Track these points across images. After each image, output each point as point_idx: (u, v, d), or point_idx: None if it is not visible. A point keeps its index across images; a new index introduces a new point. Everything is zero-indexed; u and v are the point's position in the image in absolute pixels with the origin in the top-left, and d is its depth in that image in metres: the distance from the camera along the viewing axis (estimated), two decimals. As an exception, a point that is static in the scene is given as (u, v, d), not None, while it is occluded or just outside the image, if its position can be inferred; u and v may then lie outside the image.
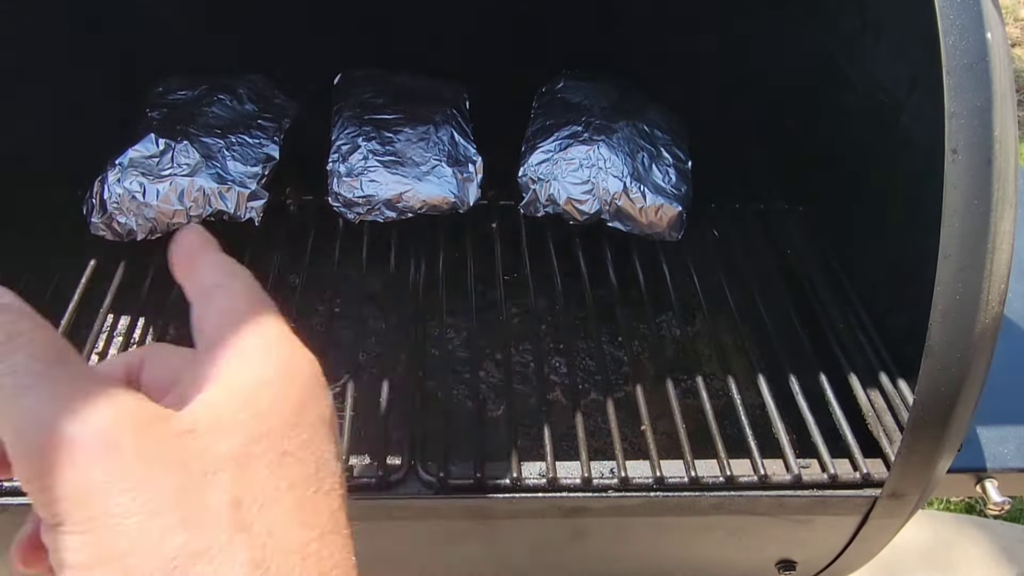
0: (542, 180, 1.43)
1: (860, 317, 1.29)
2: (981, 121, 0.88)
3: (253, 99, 1.58)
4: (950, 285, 0.91)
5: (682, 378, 1.35)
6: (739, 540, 1.16)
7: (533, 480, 1.05)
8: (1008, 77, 0.92)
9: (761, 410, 1.21)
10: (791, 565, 1.23)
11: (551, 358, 1.38)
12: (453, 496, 1.04)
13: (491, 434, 1.25)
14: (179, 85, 1.56)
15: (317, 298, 1.45)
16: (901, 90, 1.22)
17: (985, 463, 1.24)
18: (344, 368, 1.23)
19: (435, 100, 1.61)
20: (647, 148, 1.47)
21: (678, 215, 1.41)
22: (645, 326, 1.40)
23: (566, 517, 1.07)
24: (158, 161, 1.36)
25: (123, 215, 1.33)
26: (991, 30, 0.91)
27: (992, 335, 0.94)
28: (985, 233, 0.89)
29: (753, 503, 1.07)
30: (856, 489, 1.09)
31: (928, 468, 1.03)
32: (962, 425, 1.00)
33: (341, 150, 1.46)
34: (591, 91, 1.60)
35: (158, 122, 1.44)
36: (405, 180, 1.42)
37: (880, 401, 1.16)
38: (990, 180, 0.88)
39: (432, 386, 1.22)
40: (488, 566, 1.18)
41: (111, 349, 1.31)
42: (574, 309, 1.46)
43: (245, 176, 1.40)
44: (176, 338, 1.35)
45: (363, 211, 1.43)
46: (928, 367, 0.94)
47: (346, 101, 1.59)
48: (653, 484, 1.06)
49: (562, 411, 1.29)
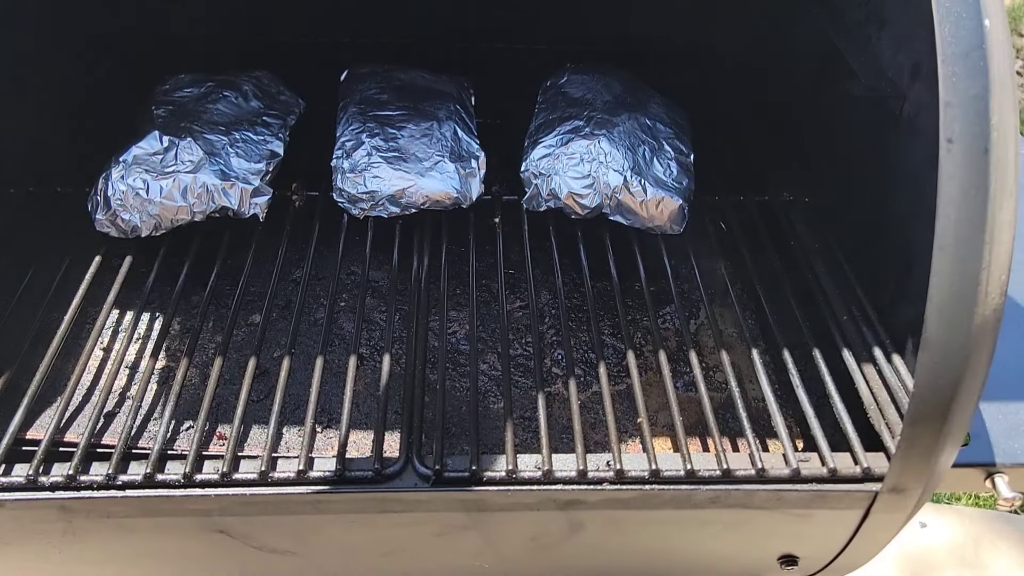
0: (544, 175, 1.43)
1: (864, 309, 1.27)
2: (977, 110, 0.86)
3: (259, 96, 1.59)
4: (946, 276, 0.89)
5: (683, 371, 1.34)
6: (738, 534, 1.15)
7: (529, 473, 1.05)
8: (1008, 65, 0.91)
9: (762, 403, 1.20)
10: (793, 560, 1.22)
11: (552, 350, 1.38)
12: (448, 489, 1.04)
13: (490, 427, 1.25)
14: (185, 82, 1.58)
15: (322, 292, 1.46)
16: (903, 80, 1.20)
17: (994, 458, 1.22)
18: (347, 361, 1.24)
19: (439, 95, 1.61)
20: (648, 141, 1.46)
21: (679, 208, 1.40)
22: (646, 319, 1.39)
23: (562, 510, 1.07)
24: (162, 158, 1.38)
25: (127, 212, 1.35)
26: (989, 17, 0.89)
27: (993, 327, 0.92)
28: (982, 223, 0.88)
29: (750, 497, 1.07)
30: (856, 483, 1.08)
31: (929, 462, 1.02)
32: (964, 418, 0.99)
33: (345, 146, 1.47)
34: (594, 84, 1.59)
35: (163, 119, 1.46)
36: (408, 176, 1.43)
37: (883, 394, 1.15)
38: (987, 169, 0.87)
39: (433, 378, 1.22)
40: (484, 559, 1.18)
41: (115, 344, 1.33)
42: (575, 302, 1.46)
43: (249, 172, 1.42)
44: (180, 333, 1.37)
45: (367, 206, 1.44)
46: (926, 360, 0.93)
47: (351, 97, 1.60)
48: (649, 477, 1.05)
49: (562, 404, 1.29)
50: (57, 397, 1.21)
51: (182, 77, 1.59)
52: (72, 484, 1.02)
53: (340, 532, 1.12)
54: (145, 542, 1.11)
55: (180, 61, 1.65)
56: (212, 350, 1.33)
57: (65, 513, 1.04)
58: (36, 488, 1.02)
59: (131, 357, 1.32)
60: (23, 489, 1.02)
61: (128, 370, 1.30)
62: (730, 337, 1.40)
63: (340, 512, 1.07)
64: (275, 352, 1.34)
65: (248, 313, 1.41)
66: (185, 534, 1.09)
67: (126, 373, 1.30)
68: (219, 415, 1.24)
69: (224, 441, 1.19)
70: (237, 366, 1.29)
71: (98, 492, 1.02)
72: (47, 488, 1.02)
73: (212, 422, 1.23)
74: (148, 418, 1.23)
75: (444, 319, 1.35)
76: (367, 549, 1.17)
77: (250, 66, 1.66)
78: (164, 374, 1.30)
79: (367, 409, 1.27)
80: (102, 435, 1.19)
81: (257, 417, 1.24)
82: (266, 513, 1.06)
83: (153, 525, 1.07)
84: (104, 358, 1.32)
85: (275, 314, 1.40)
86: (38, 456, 1.05)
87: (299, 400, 1.27)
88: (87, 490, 1.02)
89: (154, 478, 1.03)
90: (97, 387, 1.26)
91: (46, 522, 1.05)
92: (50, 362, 1.21)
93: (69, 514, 1.04)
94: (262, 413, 1.24)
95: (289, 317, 1.35)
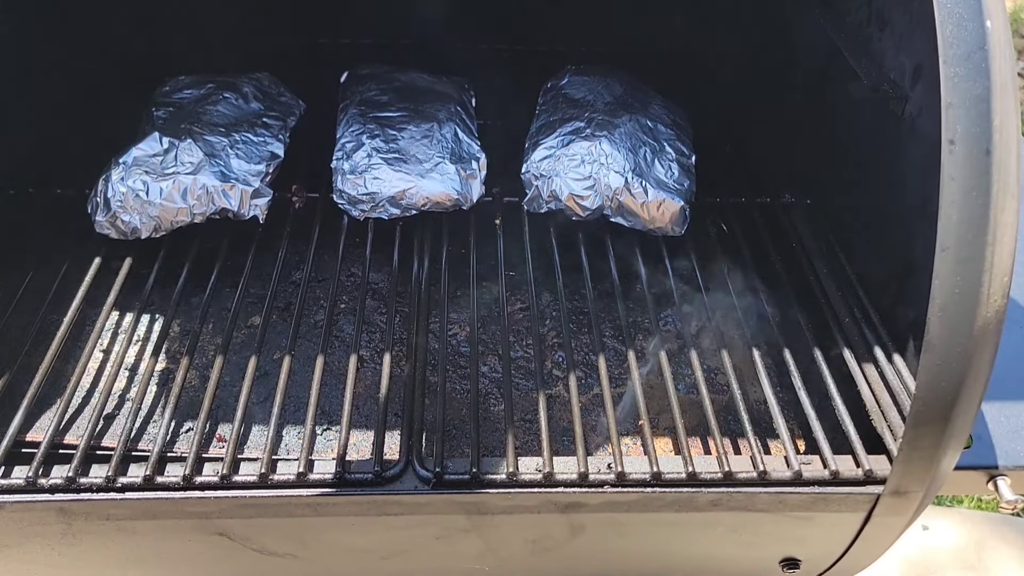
0: (544, 176, 1.42)
1: (865, 311, 1.27)
2: (979, 111, 0.86)
3: (259, 97, 1.59)
4: (949, 278, 0.89)
5: (685, 373, 1.34)
6: (740, 537, 1.15)
7: (529, 475, 1.05)
8: (1010, 66, 0.90)
9: (764, 405, 1.20)
10: (795, 564, 1.22)
11: (553, 352, 1.38)
12: (449, 491, 1.04)
13: (490, 429, 1.25)
14: (185, 84, 1.57)
15: (322, 294, 1.45)
16: (905, 81, 1.20)
17: (997, 460, 1.22)
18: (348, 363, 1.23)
19: (440, 97, 1.61)
20: (649, 143, 1.46)
21: (680, 210, 1.40)
22: (648, 321, 1.39)
23: (563, 513, 1.07)
24: (162, 160, 1.38)
25: (127, 213, 1.34)
26: (991, 19, 0.89)
27: (995, 329, 0.92)
28: (984, 225, 0.87)
29: (752, 500, 1.06)
30: (858, 486, 1.07)
31: (931, 465, 1.02)
32: (966, 421, 0.98)
33: (345, 148, 1.47)
34: (595, 86, 1.59)
35: (163, 121, 1.46)
36: (408, 177, 1.43)
37: (885, 397, 1.15)
38: (989, 171, 0.87)
39: (433, 381, 1.22)
40: (485, 562, 1.18)
41: (115, 346, 1.33)
42: (576, 304, 1.46)
43: (249, 174, 1.42)
44: (180, 334, 1.36)
45: (367, 208, 1.43)
46: (928, 362, 0.93)
47: (351, 98, 1.60)
48: (650, 480, 1.05)
49: (563, 406, 1.29)
50: (57, 399, 1.21)
51: (182, 79, 1.59)
52: (72, 486, 1.02)
53: (340, 535, 1.12)
54: (145, 545, 1.11)
55: (180, 62, 1.65)
56: (212, 352, 1.32)
57: (65, 515, 1.04)
58: (35, 490, 1.02)
59: (131, 359, 1.32)
60: (22, 491, 1.02)
61: (128, 372, 1.30)
62: (731, 339, 1.39)
63: (340, 515, 1.06)
64: (275, 354, 1.34)
65: (248, 315, 1.41)
66: (185, 536, 1.09)
67: (126, 375, 1.29)
68: (219, 417, 1.24)
69: (224, 443, 1.19)
70: (237, 368, 1.29)
71: (98, 494, 1.02)
72: (47, 490, 1.02)
73: (212, 424, 1.22)
74: (148, 420, 1.22)
75: (444, 321, 1.35)
76: (367, 552, 1.16)
77: (250, 67, 1.66)
78: (164, 376, 1.29)
79: (367, 411, 1.27)
80: (102, 437, 1.19)
81: (257, 419, 1.24)
82: (266, 516, 1.06)
83: (153, 527, 1.06)
84: (104, 360, 1.31)
85: (275, 316, 1.39)
86: (38, 458, 1.04)
87: (299, 402, 1.27)
88: (87, 492, 1.02)
89: (154, 480, 1.03)
90: (97, 389, 1.26)
91: (45, 524, 1.05)
92: (50, 364, 1.21)
93: (69, 516, 1.04)
94: (262, 415, 1.24)
95: (289, 319, 1.35)
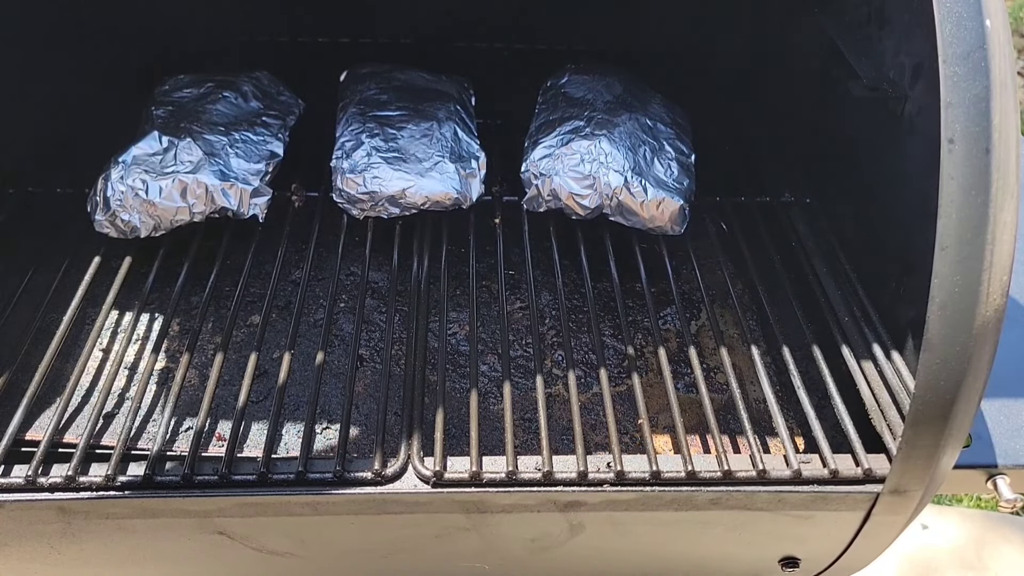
0: (544, 176, 1.42)
1: (865, 309, 1.27)
2: (978, 110, 0.86)
3: (258, 96, 1.59)
4: (948, 277, 0.89)
5: (684, 372, 1.34)
6: (739, 536, 1.15)
7: (529, 474, 1.05)
8: (1009, 65, 0.91)
9: (763, 404, 1.20)
10: (794, 562, 1.22)
11: (553, 352, 1.38)
12: (448, 490, 1.04)
13: (490, 428, 1.25)
14: (184, 83, 1.57)
15: (321, 293, 1.45)
16: (904, 80, 1.20)
17: (996, 459, 1.22)
18: (347, 362, 1.23)
19: (439, 96, 1.61)
20: (649, 142, 1.46)
21: (680, 209, 1.40)
22: (647, 320, 1.39)
23: (562, 511, 1.07)
24: (161, 158, 1.38)
25: (127, 212, 1.34)
26: (990, 18, 0.89)
27: (995, 328, 0.92)
28: (984, 224, 0.87)
29: (751, 498, 1.06)
30: (857, 485, 1.07)
31: (931, 464, 1.02)
32: (965, 419, 0.98)
33: (345, 147, 1.47)
34: (595, 85, 1.59)
35: (163, 120, 1.46)
36: (408, 176, 1.42)
37: (884, 396, 1.15)
38: (989, 170, 0.87)
39: (433, 380, 1.22)
40: (484, 561, 1.18)
41: (114, 345, 1.33)
42: (576, 303, 1.46)
43: (248, 173, 1.41)
44: (179, 333, 1.36)
45: (367, 207, 1.43)
46: (927, 361, 0.93)
47: (351, 97, 1.60)
48: (649, 479, 1.05)
49: (563, 405, 1.29)
50: (56, 398, 1.21)
51: (181, 77, 1.59)
52: (71, 485, 1.02)
53: (340, 534, 1.12)
54: (144, 543, 1.11)
55: (180, 61, 1.65)
56: (211, 351, 1.32)
57: (64, 514, 1.04)
58: (35, 489, 1.02)
59: (130, 358, 1.32)
60: (22, 490, 1.02)
61: (127, 371, 1.30)
62: (731, 338, 1.40)
63: (340, 514, 1.06)
64: (275, 353, 1.34)
65: (247, 314, 1.41)
66: (184, 535, 1.09)
67: (125, 374, 1.29)
68: (218, 416, 1.24)
69: (223, 442, 1.19)
70: (236, 367, 1.29)
71: (97, 493, 1.02)
72: (46, 489, 1.02)
73: (211, 423, 1.22)
74: (147, 419, 1.22)
75: (444, 320, 1.35)
76: (367, 551, 1.16)
77: (250, 66, 1.66)
78: (163, 375, 1.30)
79: (367, 410, 1.27)
80: (101, 436, 1.19)
81: (256, 418, 1.24)
82: (265, 515, 1.06)
83: (152, 526, 1.06)
84: (103, 359, 1.31)
85: (274, 315, 1.39)
86: (37, 457, 1.04)
87: (298, 401, 1.27)
88: (86, 491, 1.02)
89: (153, 479, 1.03)
90: (96, 388, 1.26)
91: (45, 523, 1.05)
92: (49, 363, 1.21)
93: (68, 515, 1.04)
94: (261, 414, 1.24)
95: (289, 318, 1.35)
